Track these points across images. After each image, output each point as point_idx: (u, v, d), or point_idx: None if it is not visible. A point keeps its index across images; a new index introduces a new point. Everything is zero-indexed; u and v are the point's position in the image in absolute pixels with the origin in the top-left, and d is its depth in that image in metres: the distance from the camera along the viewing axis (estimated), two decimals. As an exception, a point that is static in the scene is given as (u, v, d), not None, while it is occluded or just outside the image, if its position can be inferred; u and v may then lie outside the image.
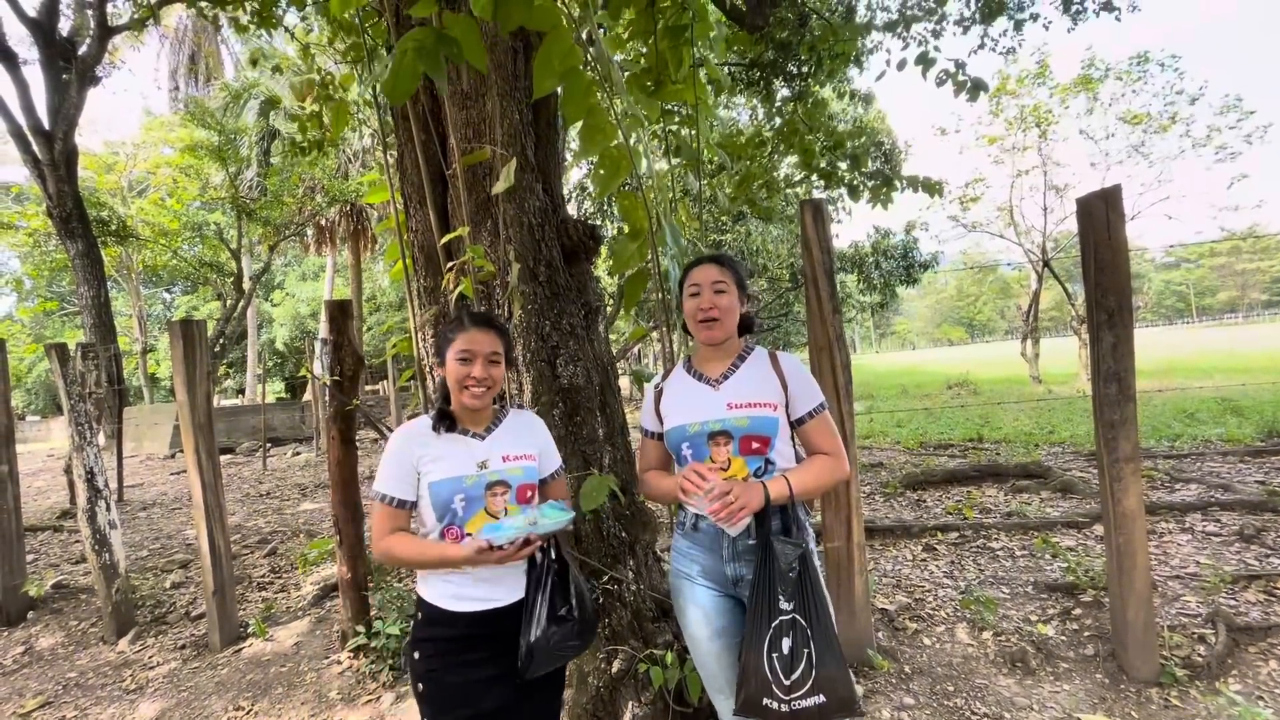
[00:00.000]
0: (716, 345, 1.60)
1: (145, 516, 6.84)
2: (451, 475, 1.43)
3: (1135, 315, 3.35)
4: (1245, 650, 2.48)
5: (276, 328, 31.60)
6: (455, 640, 1.41)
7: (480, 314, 1.65)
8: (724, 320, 1.56)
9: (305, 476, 9.18)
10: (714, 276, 1.57)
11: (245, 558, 4.92)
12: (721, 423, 1.51)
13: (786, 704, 1.32)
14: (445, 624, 1.41)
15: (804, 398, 1.56)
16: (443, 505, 1.41)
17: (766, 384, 1.55)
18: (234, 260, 15.74)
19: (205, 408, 3.46)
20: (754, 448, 1.50)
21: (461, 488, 1.42)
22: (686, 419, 1.56)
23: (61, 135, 9.49)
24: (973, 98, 4.02)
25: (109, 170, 18.61)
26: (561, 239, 2.64)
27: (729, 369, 1.60)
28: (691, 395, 1.60)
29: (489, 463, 1.46)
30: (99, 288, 9.98)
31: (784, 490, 1.45)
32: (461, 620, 1.41)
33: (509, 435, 1.54)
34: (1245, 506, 3.79)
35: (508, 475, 1.47)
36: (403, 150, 2.64)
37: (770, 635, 1.35)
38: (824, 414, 1.57)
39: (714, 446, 1.52)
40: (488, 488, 1.44)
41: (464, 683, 1.39)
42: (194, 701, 2.92)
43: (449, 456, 1.45)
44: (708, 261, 1.61)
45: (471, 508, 1.43)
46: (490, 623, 1.42)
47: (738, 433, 1.50)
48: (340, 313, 3.19)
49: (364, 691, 2.85)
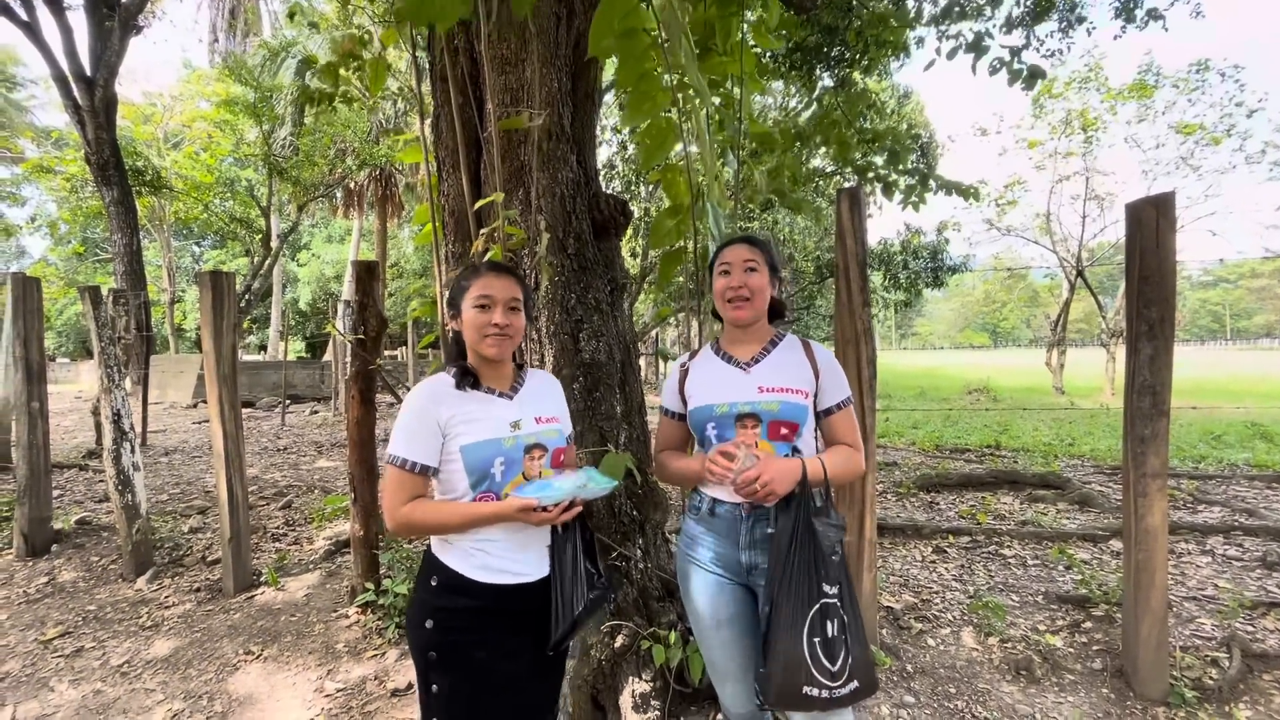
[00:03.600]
0: (745, 327, 1.55)
1: (166, 462, 7.01)
2: (488, 437, 1.34)
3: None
4: (1259, 678, 2.43)
5: (301, 287, 32.02)
6: (477, 612, 1.34)
7: (497, 261, 1.61)
8: (754, 300, 1.52)
9: (322, 435, 9.33)
10: (745, 255, 1.52)
11: (261, 509, 5.03)
12: (751, 405, 1.47)
13: (830, 690, 1.27)
14: (468, 594, 1.34)
15: (834, 389, 1.53)
16: (479, 470, 1.33)
17: (799, 371, 1.51)
18: (263, 218, 15.92)
19: (230, 359, 3.52)
20: (782, 433, 1.46)
21: (501, 450, 1.34)
22: (714, 399, 1.51)
23: (102, 82, 9.60)
24: (1028, 87, 3.88)
25: (146, 121, 18.86)
26: (593, 212, 2.61)
27: (760, 353, 1.56)
28: (720, 376, 1.55)
29: (522, 423, 1.40)
30: (132, 236, 10.15)
31: (819, 471, 1.41)
32: (488, 592, 1.35)
33: (537, 396, 1.49)
34: (1270, 533, 3.69)
35: (544, 438, 1.41)
36: (439, 113, 2.63)
37: (811, 619, 1.29)
38: (849, 408, 1.55)
39: (741, 429, 1.47)
40: (526, 450, 1.38)
41: (485, 656, 1.34)
42: (206, 642, 3.00)
43: (482, 417, 1.36)
44: (740, 241, 1.56)
45: (510, 471, 1.36)
46: (515, 597, 1.37)
47: (767, 416, 1.46)
48: (367, 273, 3.20)
49: (369, 646, 2.90)
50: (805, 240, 14.45)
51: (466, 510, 1.33)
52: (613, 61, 9.44)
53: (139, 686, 2.66)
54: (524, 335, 1.49)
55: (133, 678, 2.73)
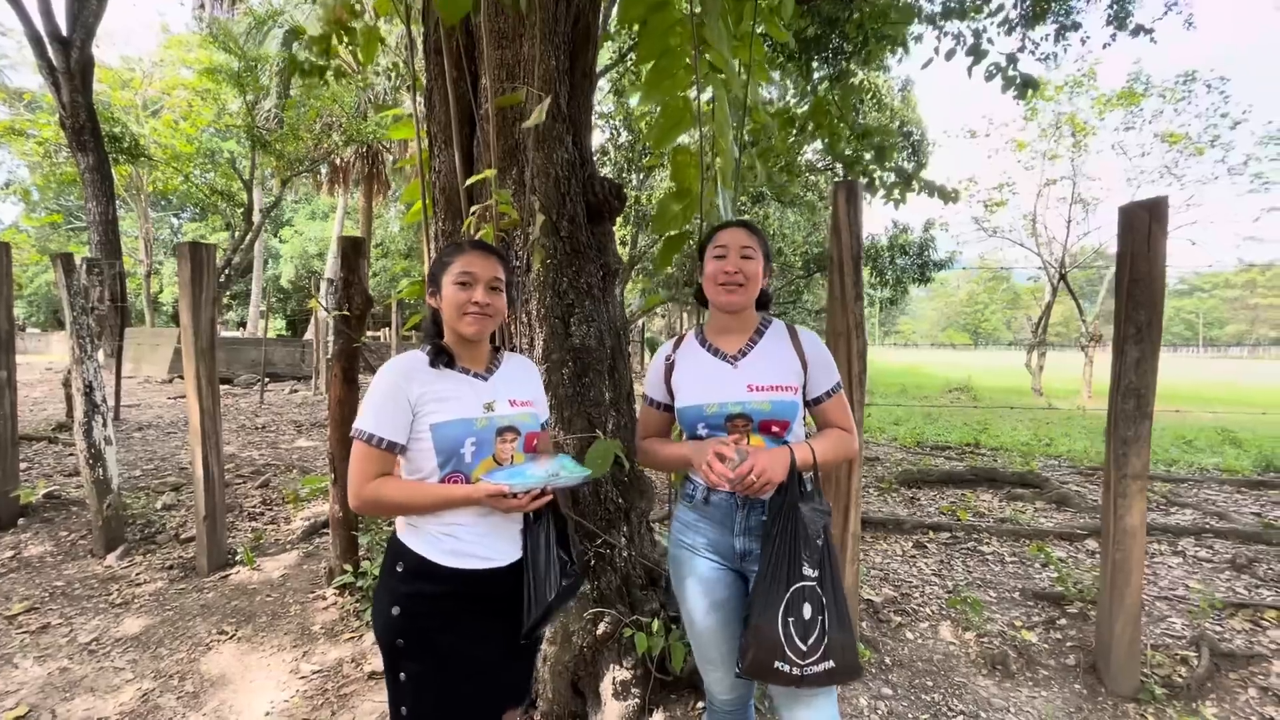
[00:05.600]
0: (734, 314, 1.53)
1: (140, 437, 6.86)
2: (460, 416, 1.31)
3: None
4: (1226, 676, 2.49)
5: (283, 264, 31.46)
6: (445, 598, 1.32)
7: (481, 240, 1.56)
8: (748, 286, 1.48)
9: (301, 414, 9.20)
10: (743, 241, 1.49)
11: (237, 487, 4.94)
12: (741, 405, 1.45)
13: (800, 668, 1.29)
14: (436, 579, 1.31)
15: (823, 377, 1.51)
16: (449, 450, 1.29)
17: (786, 364, 1.49)
18: (245, 191, 15.55)
19: (209, 333, 3.43)
20: (773, 430, 1.45)
21: (472, 431, 1.31)
22: (703, 398, 1.49)
23: (79, 43, 9.27)
24: (1021, 95, 3.90)
25: (124, 86, 18.25)
26: (587, 195, 2.57)
27: (746, 344, 1.53)
28: (708, 372, 1.52)
29: (495, 405, 1.37)
30: (107, 204, 9.86)
31: (808, 456, 1.41)
32: (457, 577, 1.31)
33: (513, 379, 1.46)
34: (1240, 536, 3.78)
35: (518, 421, 1.38)
36: (432, 87, 2.55)
37: (788, 600, 1.31)
38: (840, 392, 1.53)
39: (732, 428, 1.46)
40: (498, 433, 1.35)
41: (454, 641, 1.31)
42: (178, 621, 2.94)
43: (454, 397, 1.33)
44: (737, 225, 1.53)
45: (481, 453, 1.33)
46: (484, 583, 1.34)
47: (758, 416, 1.44)
48: (353, 250, 3.13)
49: (346, 629, 2.87)
50: (794, 234, 14.47)
51: (436, 491, 1.30)
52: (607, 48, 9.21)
53: (107, 665, 2.60)
54: (509, 318, 1.46)
55: (101, 655, 2.67)
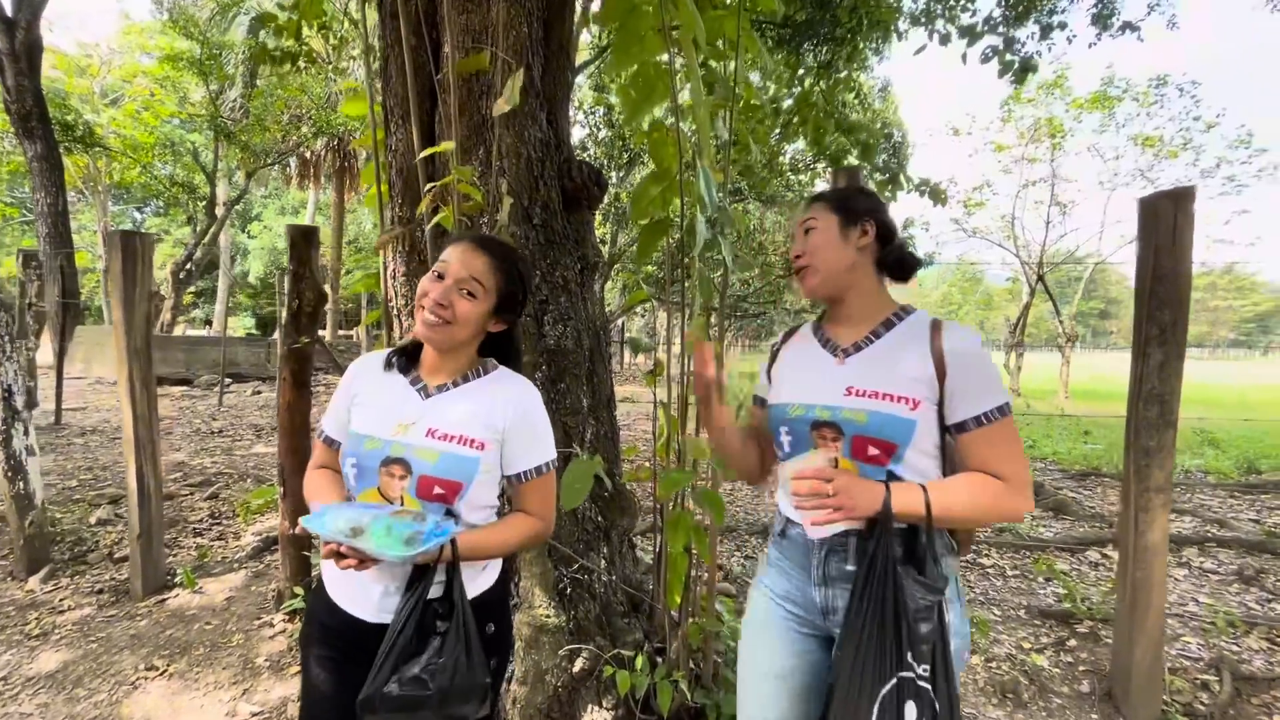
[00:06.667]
0: (839, 302, 1.20)
1: (82, 443, 6.41)
2: (365, 431, 1.14)
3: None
4: (1248, 702, 2.33)
5: (252, 260, 30.58)
6: (321, 624, 1.18)
7: (490, 236, 1.32)
8: (817, 265, 1.16)
9: (263, 417, 8.77)
10: (803, 218, 1.20)
11: (184, 499, 4.57)
12: (831, 411, 1.10)
13: None
14: (319, 598, 1.19)
15: (972, 393, 1.06)
16: (343, 461, 1.18)
17: (909, 366, 1.09)
18: (208, 183, 14.94)
19: (144, 331, 3.10)
20: (870, 454, 1.08)
21: (360, 450, 1.12)
22: (791, 396, 1.18)
23: (25, 24, 8.70)
24: (1019, 80, 3.72)
25: (81, 73, 17.48)
26: (563, 180, 2.32)
27: (866, 338, 1.16)
28: (808, 365, 1.21)
29: (411, 430, 1.11)
30: (57, 195, 9.28)
31: (916, 503, 1.02)
32: (325, 604, 1.17)
33: (463, 404, 1.15)
34: (1243, 545, 3.67)
35: (414, 456, 1.09)
36: (388, 55, 2.28)
37: (885, 698, 0.97)
38: (1004, 421, 1.06)
39: (819, 440, 1.12)
40: (383, 464, 1.10)
41: (317, 675, 1.16)
42: (102, 655, 2.62)
43: (377, 406, 1.17)
44: (808, 202, 1.23)
45: (364, 480, 1.12)
46: (349, 631, 1.13)
47: (850, 429, 1.08)
48: (304, 240, 2.83)
49: (294, 660, 2.57)
50: (775, 235, 14.35)
51: (315, 500, 1.19)
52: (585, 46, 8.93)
53: (13, 710, 2.27)
54: (479, 332, 1.17)
55: (8, 699, 2.33)
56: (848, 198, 1.19)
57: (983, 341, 1.10)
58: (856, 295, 1.18)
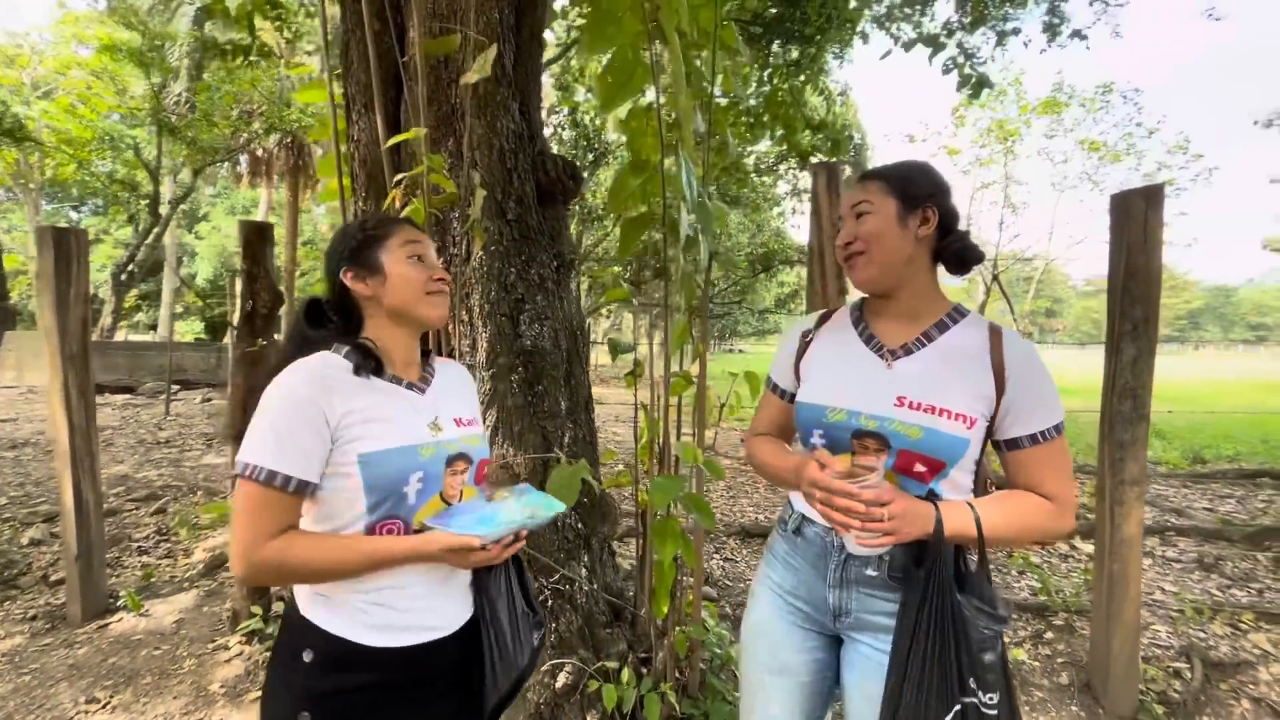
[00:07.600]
0: (882, 297, 1.09)
1: (13, 458, 5.98)
2: (401, 444, 0.95)
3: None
4: (1217, 687, 2.38)
5: (200, 262, 29.32)
6: (376, 689, 0.95)
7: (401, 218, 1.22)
8: (870, 252, 1.03)
9: (213, 426, 8.36)
10: (854, 198, 1.06)
11: (127, 514, 4.29)
12: (879, 423, 1.00)
13: None
14: (361, 667, 0.94)
15: (1031, 410, 0.98)
16: (387, 488, 0.94)
17: (970, 380, 0.99)
18: (151, 181, 14.23)
19: (80, 335, 2.87)
20: (916, 470, 0.99)
21: (418, 463, 0.96)
22: (831, 398, 1.06)
23: (-57, 8, 8.15)
24: (975, 94, 3.80)
25: (10, 64, 16.45)
26: (537, 173, 2.22)
27: (918, 339, 1.05)
28: (851, 363, 1.08)
29: (441, 425, 1.03)
30: (-18, 192, 8.71)
31: (968, 525, 0.94)
32: (392, 660, 0.96)
33: (451, 391, 1.11)
34: (1200, 534, 3.80)
35: (467, 446, 1.05)
36: (349, 39, 2.15)
37: None
38: (1060, 440, 0.99)
39: (860, 450, 1.02)
40: (448, 463, 1.00)
41: None
42: (36, 688, 2.40)
43: (389, 417, 0.97)
44: (860, 179, 1.11)
45: (428, 490, 0.98)
46: (428, 660, 0.99)
47: (899, 443, 0.99)
48: (258, 236, 2.67)
49: (253, 686, 2.41)
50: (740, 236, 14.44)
51: (369, 548, 0.92)
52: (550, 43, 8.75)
53: (-68, 755, 2.06)
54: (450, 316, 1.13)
55: (-76, 742, 2.12)
56: (907, 176, 1.05)
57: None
58: (910, 291, 1.06)
